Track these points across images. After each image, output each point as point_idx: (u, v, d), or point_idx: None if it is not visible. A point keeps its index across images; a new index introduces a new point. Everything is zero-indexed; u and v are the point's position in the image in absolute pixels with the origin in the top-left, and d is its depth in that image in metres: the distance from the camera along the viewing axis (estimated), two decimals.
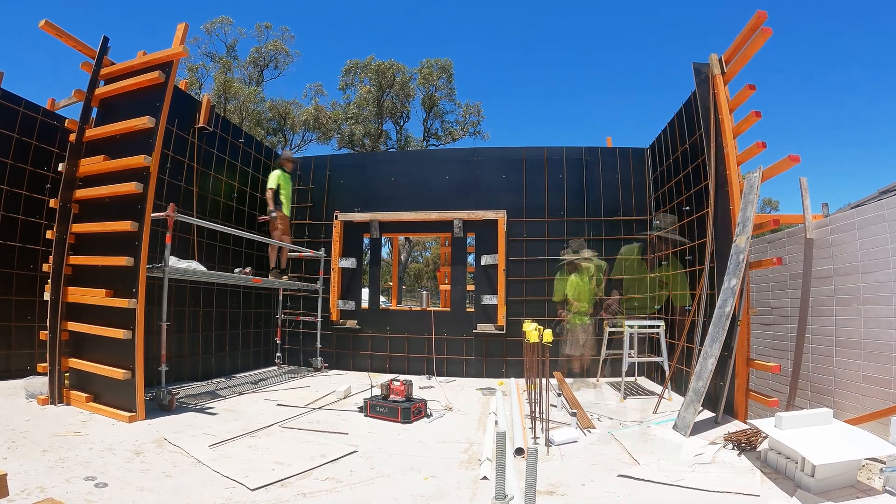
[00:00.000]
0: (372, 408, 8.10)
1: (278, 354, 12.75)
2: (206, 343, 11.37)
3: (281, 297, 13.06)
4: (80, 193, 8.44)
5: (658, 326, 10.35)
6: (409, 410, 7.84)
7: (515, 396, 9.31)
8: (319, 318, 13.14)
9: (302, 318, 13.47)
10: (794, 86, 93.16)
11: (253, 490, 5.11)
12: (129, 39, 63.08)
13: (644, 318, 11.57)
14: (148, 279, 7.98)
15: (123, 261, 7.69)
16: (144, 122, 7.97)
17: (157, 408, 8.10)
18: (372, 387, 8.98)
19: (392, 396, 8.03)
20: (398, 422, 7.70)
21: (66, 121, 9.15)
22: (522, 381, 10.99)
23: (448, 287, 14.66)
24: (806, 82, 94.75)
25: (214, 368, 11.54)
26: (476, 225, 13.13)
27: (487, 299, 12.70)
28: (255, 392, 10.02)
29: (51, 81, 76.55)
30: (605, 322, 11.49)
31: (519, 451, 6.28)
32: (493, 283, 12.71)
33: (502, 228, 12.77)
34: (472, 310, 13.03)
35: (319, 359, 13.18)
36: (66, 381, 8.20)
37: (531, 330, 7.41)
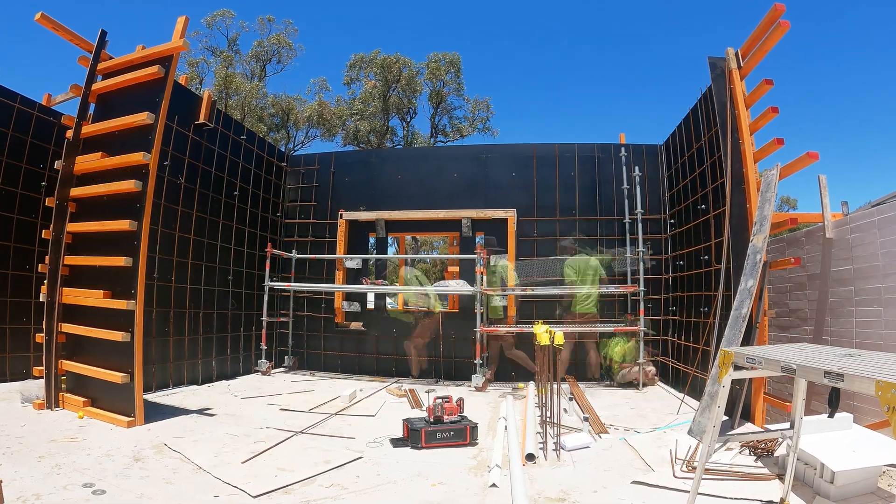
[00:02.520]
0: (430, 435, 6.93)
1: (262, 360, 12.80)
2: (207, 346, 11.39)
3: (267, 298, 13.00)
4: (77, 191, 8.46)
5: None
6: (476, 428, 7.28)
7: (531, 400, 9.31)
8: (290, 318, 13.18)
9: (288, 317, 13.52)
10: (812, 80, 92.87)
11: (255, 497, 5.12)
12: (128, 33, 63.26)
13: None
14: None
15: (122, 261, 7.71)
16: (143, 118, 7.97)
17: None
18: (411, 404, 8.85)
19: (446, 417, 7.24)
20: (467, 445, 7.04)
21: (63, 117, 9.17)
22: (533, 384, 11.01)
23: None
24: (824, 76, 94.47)
25: (216, 372, 11.59)
26: (485, 224, 13.12)
27: (497, 300, 12.69)
28: (257, 396, 10.06)
29: (47, 76, 76.71)
30: None
31: (530, 458, 6.30)
32: (503, 284, 12.69)
33: (512, 228, 12.78)
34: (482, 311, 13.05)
35: (290, 357, 13.54)
36: (63, 385, 8.23)
37: (542, 332, 7.40)
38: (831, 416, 4.63)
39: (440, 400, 7.19)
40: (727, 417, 7.89)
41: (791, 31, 7.71)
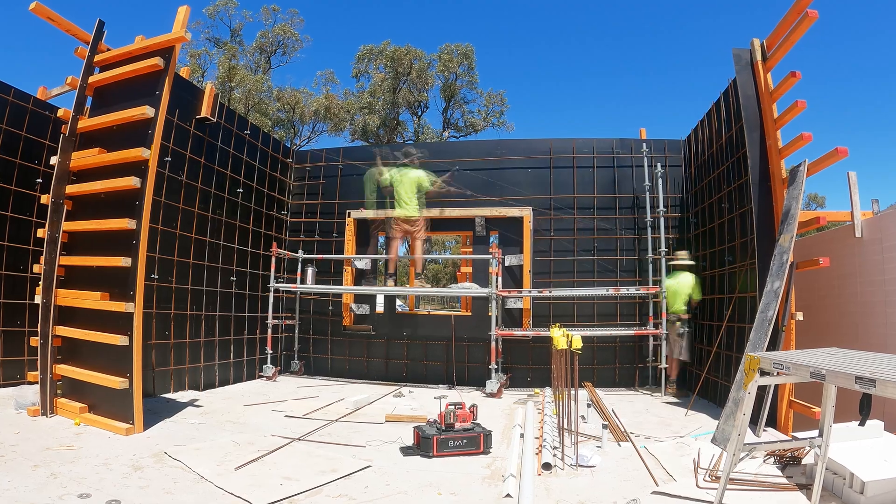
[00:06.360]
0: (442, 444, 6.89)
1: (267, 365, 12.83)
2: (209, 350, 11.40)
3: (272, 300, 13.06)
4: (74, 189, 8.44)
5: None
6: (490, 436, 7.27)
7: (548, 407, 9.30)
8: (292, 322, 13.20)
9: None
10: (841, 71, 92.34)
11: None
12: (127, 24, 63.30)
13: None
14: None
15: (120, 261, 7.68)
16: (143, 112, 7.95)
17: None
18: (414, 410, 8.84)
19: (458, 425, 7.16)
20: (480, 453, 7.02)
21: (59, 111, 9.13)
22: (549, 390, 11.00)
23: None
24: (854, 66, 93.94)
25: (219, 377, 11.60)
26: (499, 222, 13.15)
27: (512, 302, 12.71)
28: (262, 402, 10.08)
29: (43, 69, 76.89)
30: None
31: (546, 467, 6.28)
32: (518, 285, 12.73)
33: (528, 226, 12.80)
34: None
35: (296, 361, 13.56)
36: (59, 391, 8.23)
37: (559, 336, 7.38)
38: (862, 423, 4.60)
39: (452, 406, 7.17)
40: (753, 424, 7.87)
41: (818, 19, 7.67)
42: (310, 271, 13.36)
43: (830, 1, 75.41)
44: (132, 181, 7.76)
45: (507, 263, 12.75)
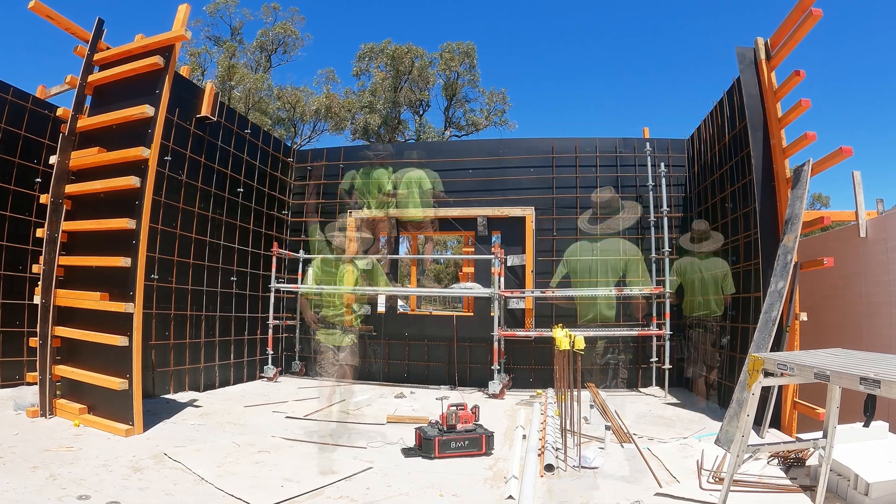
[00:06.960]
0: (444, 445, 6.87)
1: (268, 365, 12.88)
2: (210, 351, 11.40)
3: (273, 301, 13.06)
4: (73, 188, 8.43)
5: None
6: (493, 437, 7.25)
7: (550, 408, 9.29)
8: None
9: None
10: (843, 73, 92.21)
11: None
12: (127, 22, 63.22)
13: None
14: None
15: (120, 261, 7.67)
16: (142, 111, 7.94)
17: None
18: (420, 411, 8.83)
19: (460, 426, 7.15)
20: (482, 455, 7.01)
21: (59, 110, 9.12)
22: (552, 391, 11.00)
23: None
24: (858, 65, 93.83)
25: (219, 378, 11.60)
26: (501, 222, 13.13)
27: (514, 302, 12.69)
28: (263, 403, 10.08)
29: (42, 67, 76.80)
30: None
31: (549, 468, 6.28)
32: (520, 285, 12.72)
33: (530, 226, 12.76)
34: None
35: (297, 362, 13.58)
36: (58, 392, 8.22)
37: (561, 336, 7.37)
38: (866, 424, 4.60)
39: (454, 407, 7.16)
40: (757, 426, 7.86)
41: (823, 17, 7.66)
42: (310, 271, 13.35)
43: (832, 1, 75.40)
44: (132, 180, 7.74)
45: (509, 263, 12.73)
